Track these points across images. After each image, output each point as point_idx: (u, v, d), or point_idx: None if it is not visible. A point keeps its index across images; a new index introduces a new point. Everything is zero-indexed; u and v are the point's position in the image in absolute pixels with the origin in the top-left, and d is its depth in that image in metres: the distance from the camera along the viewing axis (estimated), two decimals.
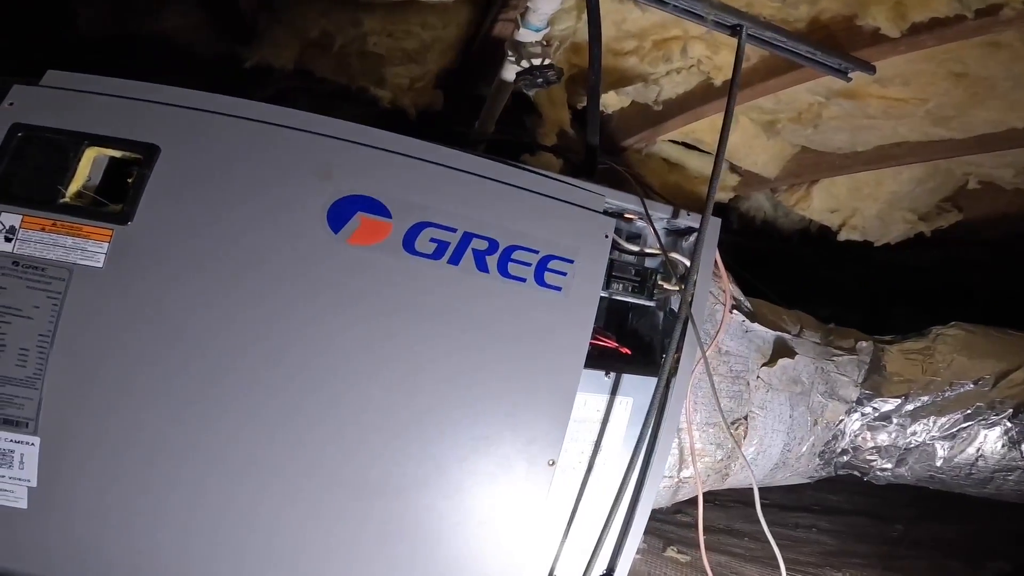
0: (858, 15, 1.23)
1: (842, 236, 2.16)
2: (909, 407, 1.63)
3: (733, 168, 2.15)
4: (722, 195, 2.27)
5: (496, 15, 1.43)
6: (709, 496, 2.10)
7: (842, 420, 1.69)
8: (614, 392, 1.19)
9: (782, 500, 2.67)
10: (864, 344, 1.69)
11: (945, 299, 2.77)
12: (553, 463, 1.10)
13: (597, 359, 1.18)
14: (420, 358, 1.02)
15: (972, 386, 1.61)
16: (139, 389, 0.93)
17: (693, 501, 1.59)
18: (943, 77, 1.38)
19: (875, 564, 2.19)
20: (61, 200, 0.96)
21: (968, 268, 2.64)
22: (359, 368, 1.00)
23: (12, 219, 0.94)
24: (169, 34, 1.79)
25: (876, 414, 1.67)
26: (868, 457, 1.74)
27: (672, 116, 1.78)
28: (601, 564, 1.32)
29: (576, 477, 1.21)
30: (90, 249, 0.94)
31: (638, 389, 1.20)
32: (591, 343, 1.16)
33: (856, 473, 1.84)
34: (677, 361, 1.17)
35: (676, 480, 1.60)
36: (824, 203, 2.06)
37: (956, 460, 1.67)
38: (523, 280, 1.03)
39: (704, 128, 1.92)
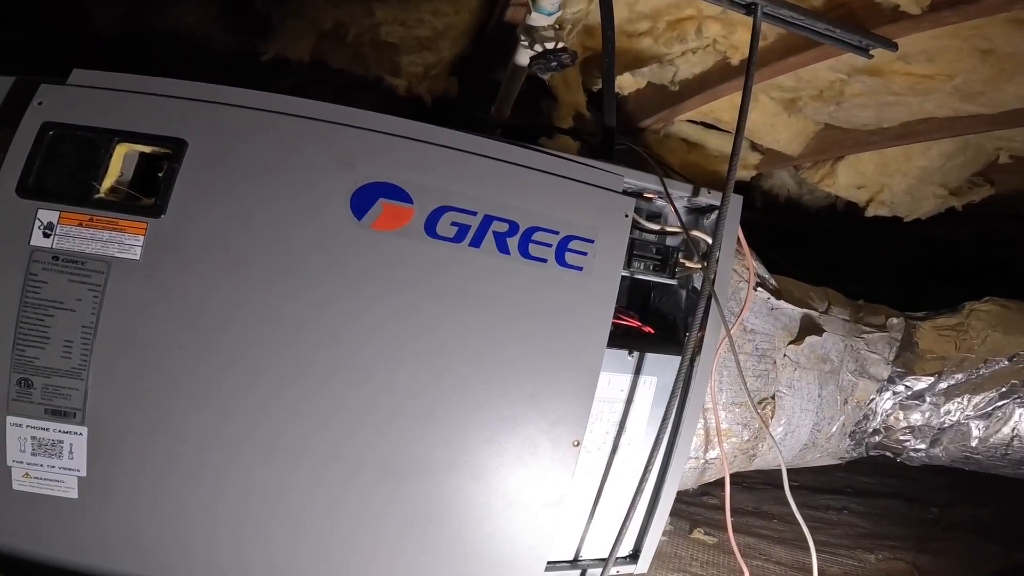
0: None
1: (870, 212, 2.14)
2: (943, 385, 1.63)
3: (754, 146, 2.14)
4: (744, 173, 2.26)
5: (508, 0, 1.45)
6: (737, 478, 2.12)
7: (873, 399, 1.69)
8: (638, 372, 1.22)
9: (812, 482, 2.68)
10: (895, 321, 1.69)
11: (981, 275, 2.72)
12: (578, 444, 1.14)
13: (620, 338, 1.21)
14: (444, 340, 1.06)
15: (1007, 363, 1.60)
16: (179, 376, 0.99)
17: (720, 483, 1.61)
18: (969, 53, 1.36)
19: (909, 547, 2.19)
20: (96, 196, 1.01)
21: (1005, 243, 2.59)
22: (385, 350, 1.05)
23: (50, 215, 1.00)
24: (185, 29, 1.85)
25: (909, 393, 1.66)
26: (901, 437, 1.74)
27: (689, 96, 1.78)
28: (627, 545, 1.36)
29: (601, 458, 1.25)
30: (127, 242, 0.99)
31: (662, 368, 1.23)
32: (613, 322, 1.19)
33: (889, 454, 1.84)
34: (700, 340, 1.19)
35: (702, 461, 1.62)
36: (850, 179, 2.04)
37: (992, 440, 1.66)
38: (544, 261, 1.06)
39: (723, 107, 1.92)
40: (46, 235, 0.99)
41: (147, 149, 1.04)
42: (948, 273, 2.91)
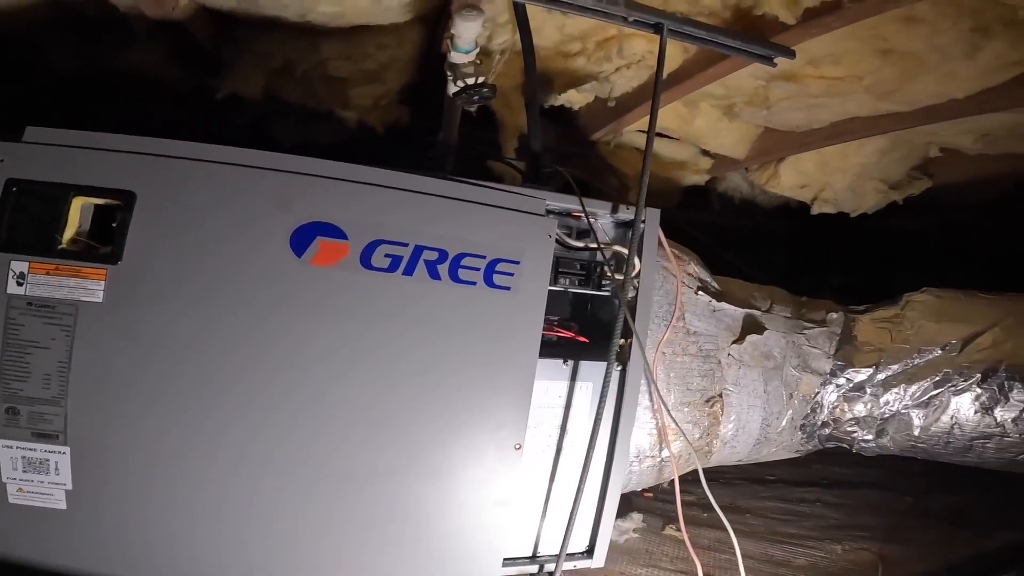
0: (757, 5, 1.36)
1: (815, 210, 2.28)
2: (880, 376, 1.76)
3: (704, 152, 2.29)
4: (697, 178, 2.41)
5: (443, 34, 1.59)
6: (712, 473, 2.24)
7: (818, 392, 1.83)
8: (573, 378, 1.36)
9: (789, 475, 2.79)
10: (834, 315, 1.82)
11: (946, 262, 2.86)
12: (520, 447, 1.28)
13: (556, 348, 1.35)
14: (386, 359, 1.21)
15: (940, 352, 1.72)
16: (150, 401, 1.14)
17: (693, 477, 1.74)
18: (870, 54, 1.50)
19: (878, 536, 2.29)
20: (59, 247, 1.16)
21: (963, 230, 2.74)
22: (333, 372, 1.19)
23: (21, 266, 1.14)
24: (139, 70, 1.97)
25: (850, 385, 1.80)
26: (848, 429, 1.87)
27: (630, 109, 1.93)
28: (582, 541, 1.49)
29: (547, 459, 1.39)
30: (90, 287, 1.14)
31: (598, 374, 1.36)
32: (549, 333, 1.32)
33: (844, 446, 1.97)
34: (625, 348, 1.33)
35: (659, 459, 1.75)
36: (793, 179, 2.19)
37: (932, 429, 1.78)
38: (474, 283, 1.21)
39: (667, 116, 2.07)
40: (19, 283, 1.14)
41: (100, 201, 1.18)
42: (916, 263, 3.06)
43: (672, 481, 1.84)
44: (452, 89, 1.39)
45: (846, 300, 2.16)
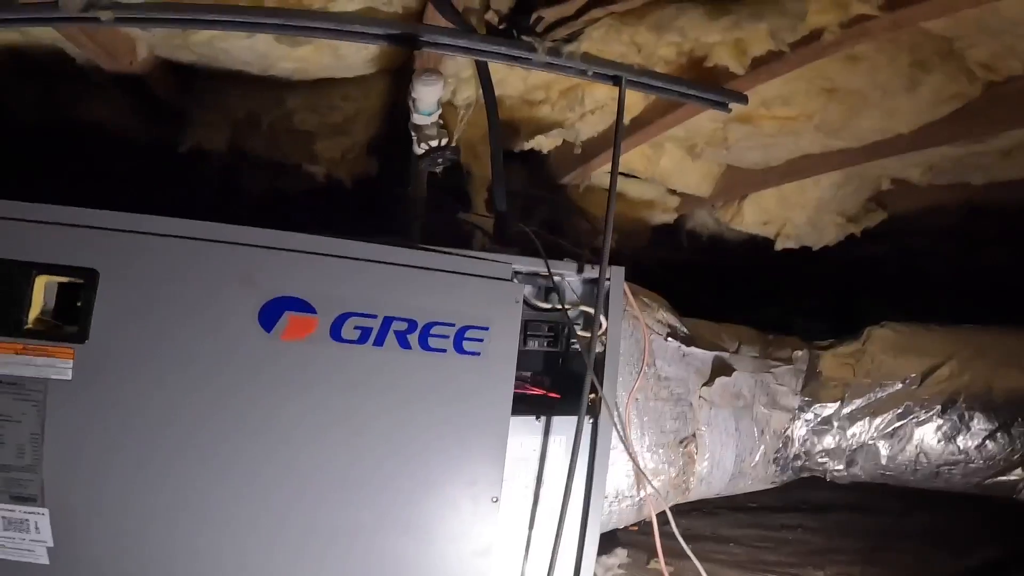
0: (708, 56, 1.46)
1: (779, 245, 2.40)
2: (846, 410, 1.86)
3: (671, 190, 2.39)
4: (665, 216, 2.51)
5: (407, 87, 1.66)
6: (697, 504, 2.30)
7: (788, 428, 1.92)
8: (547, 433, 1.42)
9: (770, 502, 2.87)
10: (800, 353, 1.92)
11: (905, 286, 3.02)
12: (496, 500, 1.33)
13: (529, 404, 1.40)
14: (360, 426, 1.25)
15: (901, 385, 1.84)
16: (120, 466, 1.17)
17: (677, 511, 1.80)
18: (816, 94, 1.61)
19: (858, 560, 2.39)
20: (25, 327, 1.17)
21: (918, 255, 2.89)
22: (309, 439, 1.23)
23: None
24: (99, 122, 1.98)
25: (818, 419, 1.90)
26: (820, 460, 1.97)
27: (597, 154, 2.01)
28: None
29: (525, 509, 1.44)
30: (58, 365, 1.16)
31: (570, 427, 1.42)
32: (521, 391, 1.38)
33: (817, 474, 2.06)
34: (596, 401, 1.40)
35: (637, 499, 1.81)
36: (756, 216, 2.30)
37: (899, 458, 1.89)
38: (443, 351, 1.26)
39: (633, 158, 2.17)
40: None
41: (64, 279, 1.20)
42: (879, 287, 3.21)
43: (659, 514, 1.92)
44: (417, 151, 1.45)
45: (817, 325, 2.26)
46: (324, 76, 1.76)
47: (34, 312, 1.19)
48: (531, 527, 1.45)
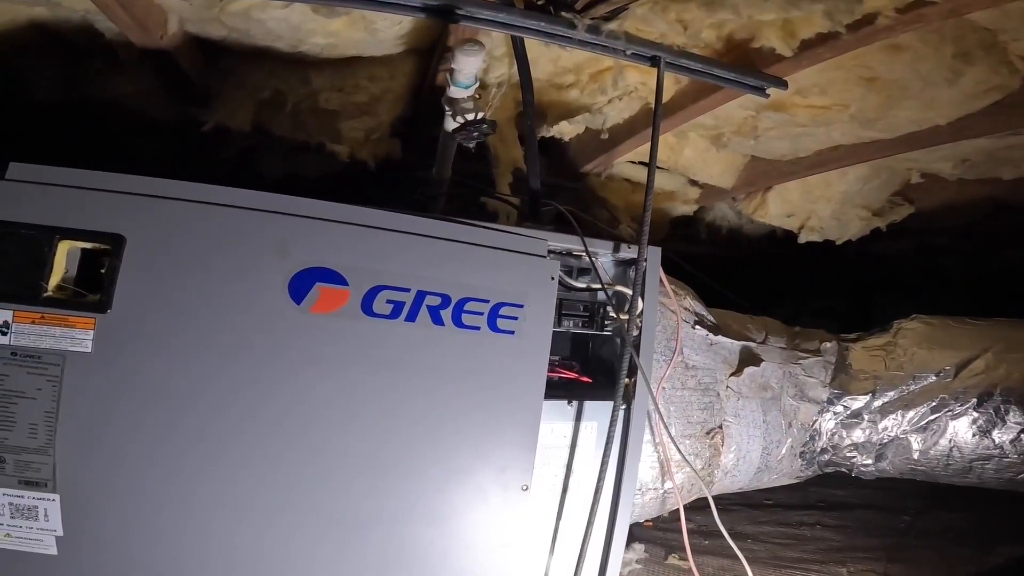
0: (755, 37, 1.39)
1: (802, 238, 2.33)
2: (877, 403, 1.79)
3: (692, 182, 2.32)
4: (686, 208, 2.44)
5: (436, 67, 1.60)
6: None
7: (816, 420, 1.85)
8: (578, 418, 1.35)
9: (786, 499, 2.81)
10: (828, 345, 1.85)
11: (923, 284, 2.95)
12: (527, 488, 1.26)
13: (560, 388, 1.34)
14: (389, 405, 1.18)
15: (935, 378, 1.76)
16: (138, 448, 1.10)
17: (695, 506, 1.73)
18: (855, 83, 1.55)
19: (880, 557, 2.32)
20: (45, 295, 1.10)
21: (939, 253, 2.82)
22: (335, 419, 1.16)
23: (5, 315, 1.09)
24: (123, 100, 1.92)
25: (848, 412, 1.82)
26: (848, 454, 1.89)
27: (622, 141, 1.95)
28: None
29: (553, 499, 1.37)
30: (78, 337, 1.09)
31: (602, 414, 1.36)
32: (552, 375, 1.31)
33: (843, 470, 1.99)
34: (631, 386, 1.32)
35: (661, 491, 1.74)
36: (780, 208, 2.24)
37: (931, 452, 1.82)
38: (477, 328, 1.19)
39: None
40: (3, 333, 1.08)
41: (88, 245, 1.13)
42: (894, 286, 3.14)
43: (673, 511, 1.85)
44: (450, 125, 1.38)
45: (826, 324, 2.20)
46: (353, 54, 1.69)
47: (55, 279, 1.12)
48: (559, 517, 1.38)
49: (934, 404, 1.76)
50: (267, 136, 1.97)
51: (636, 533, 2.23)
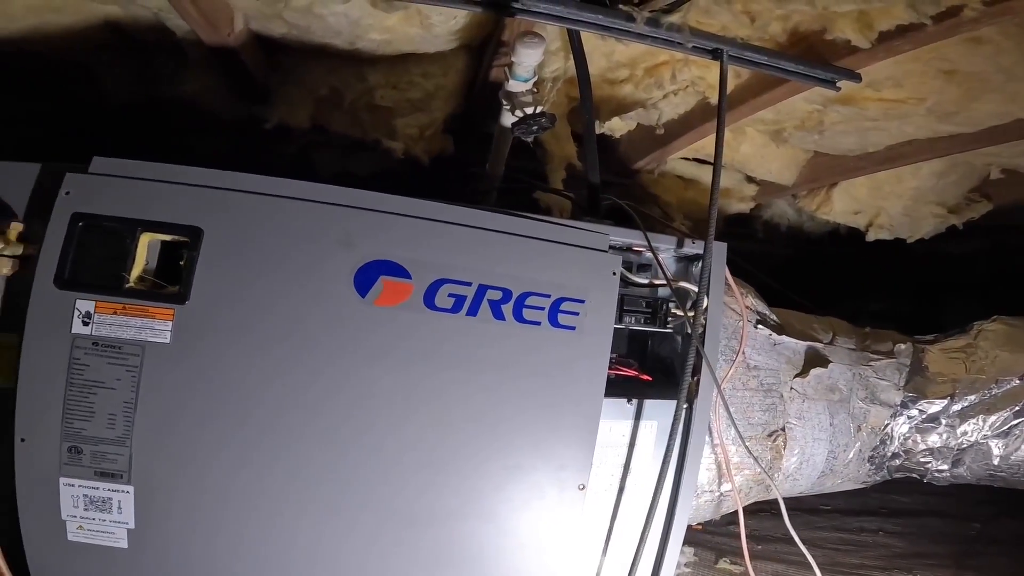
0: (827, 29, 1.33)
1: (871, 236, 2.21)
2: (956, 407, 1.69)
3: (749, 179, 2.24)
4: (742, 206, 2.36)
5: (490, 62, 1.59)
6: (764, 505, 2.18)
7: (888, 424, 1.75)
8: (638, 417, 1.32)
9: (845, 505, 2.71)
10: (902, 346, 1.75)
11: (995, 287, 2.76)
12: (583, 487, 1.24)
13: (619, 387, 1.31)
14: (449, 402, 1.18)
15: (1019, 382, 1.65)
16: (217, 443, 1.12)
17: (746, 511, 1.66)
18: (933, 76, 1.46)
19: (949, 564, 2.21)
20: (126, 286, 1.15)
21: (1014, 253, 2.63)
22: (396, 414, 1.17)
23: (87, 305, 1.13)
24: (190, 98, 1.98)
25: (923, 416, 1.72)
26: (922, 459, 1.79)
27: (676, 136, 1.89)
28: None
29: (609, 499, 1.34)
30: (157, 327, 1.13)
31: (661, 412, 1.32)
32: (611, 372, 1.28)
33: (914, 475, 1.89)
34: (695, 385, 1.28)
35: (717, 494, 1.69)
36: (846, 205, 2.13)
37: (1013, 458, 1.70)
38: (538, 324, 1.18)
39: (711, 144, 2.02)
40: (85, 323, 1.13)
41: (167, 237, 1.17)
42: (964, 287, 2.95)
43: (728, 514, 1.79)
44: (508, 119, 1.37)
45: (888, 327, 2.07)
46: (407, 51, 1.70)
47: (136, 271, 1.17)
48: (613, 518, 1.35)
49: (1018, 408, 1.65)
50: (323, 133, 2.01)
51: (685, 536, 2.18)
